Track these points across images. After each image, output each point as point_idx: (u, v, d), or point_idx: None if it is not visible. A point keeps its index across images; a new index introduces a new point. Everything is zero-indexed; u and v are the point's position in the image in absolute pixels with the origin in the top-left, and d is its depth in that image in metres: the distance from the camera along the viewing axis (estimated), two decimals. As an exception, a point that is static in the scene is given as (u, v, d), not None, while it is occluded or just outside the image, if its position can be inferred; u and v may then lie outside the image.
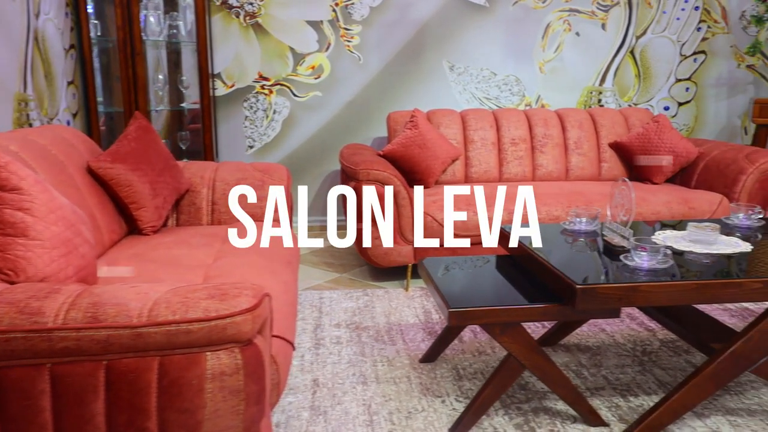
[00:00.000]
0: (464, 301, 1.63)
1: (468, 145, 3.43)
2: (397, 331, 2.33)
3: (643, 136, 3.36)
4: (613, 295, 1.52)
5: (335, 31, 3.79)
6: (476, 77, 3.94)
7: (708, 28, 4.04)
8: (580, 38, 3.97)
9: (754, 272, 1.61)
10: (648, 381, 1.94)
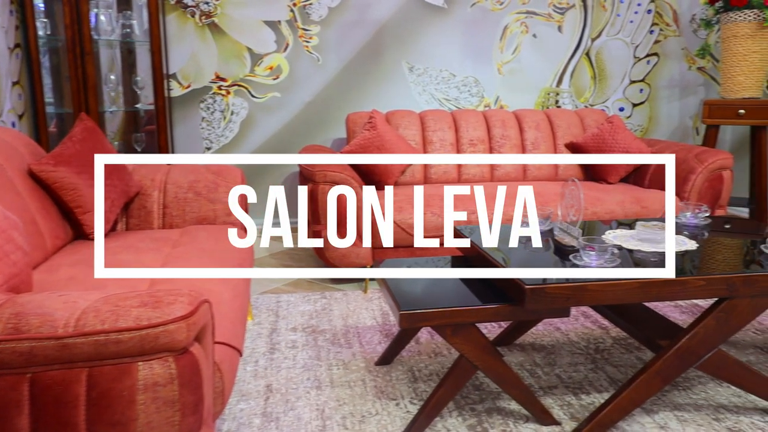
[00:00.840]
0: (416, 302, 1.62)
1: (427, 146, 3.43)
2: (354, 334, 2.31)
3: (597, 136, 3.42)
4: (561, 294, 1.53)
5: (293, 31, 3.75)
6: (435, 78, 3.96)
7: (660, 30, 4.14)
8: (538, 40, 4.02)
9: (698, 270, 1.64)
10: (600, 379, 1.97)
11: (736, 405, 1.80)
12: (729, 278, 1.60)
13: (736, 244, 1.91)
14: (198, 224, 2.35)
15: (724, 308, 1.63)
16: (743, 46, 3.44)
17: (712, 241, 1.94)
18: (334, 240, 2.74)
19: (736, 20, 3.42)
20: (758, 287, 1.62)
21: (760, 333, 2.32)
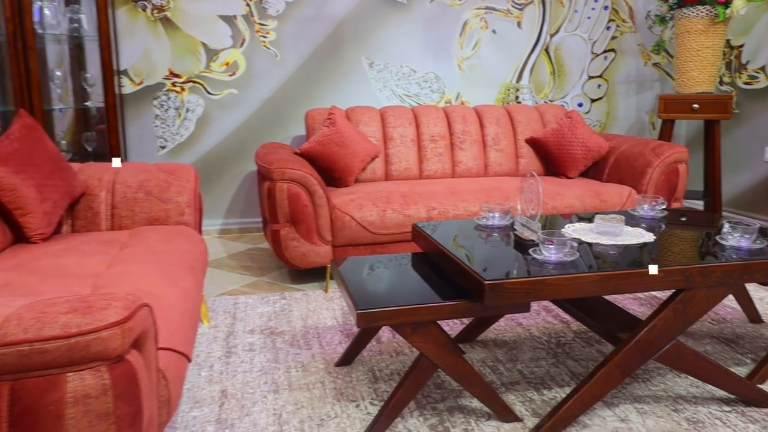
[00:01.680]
0: (374, 301, 1.57)
1: (387, 143, 3.39)
2: (314, 335, 2.25)
3: (557, 131, 3.43)
4: (520, 289, 1.51)
5: (250, 26, 3.66)
6: (396, 74, 3.92)
7: (617, 27, 4.19)
8: (497, 36, 4.02)
9: (656, 262, 1.64)
10: (561, 373, 1.96)
11: (694, 395, 1.81)
12: (686, 269, 1.60)
13: (692, 236, 1.92)
14: (149, 225, 2.25)
15: (682, 299, 1.63)
16: (696, 41, 3.50)
17: (668, 233, 1.95)
18: (293, 239, 2.68)
19: (689, 16, 3.48)
20: (714, 278, 1.62)
21: (716, 323, 2.36)
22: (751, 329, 2.29)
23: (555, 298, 1.55)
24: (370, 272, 1.83)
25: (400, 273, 1.82)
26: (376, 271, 1.85)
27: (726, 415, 1.70)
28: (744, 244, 1.76)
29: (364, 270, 1.85)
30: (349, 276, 1.79)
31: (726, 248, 1.76)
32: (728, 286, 1.66)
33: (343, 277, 1.77)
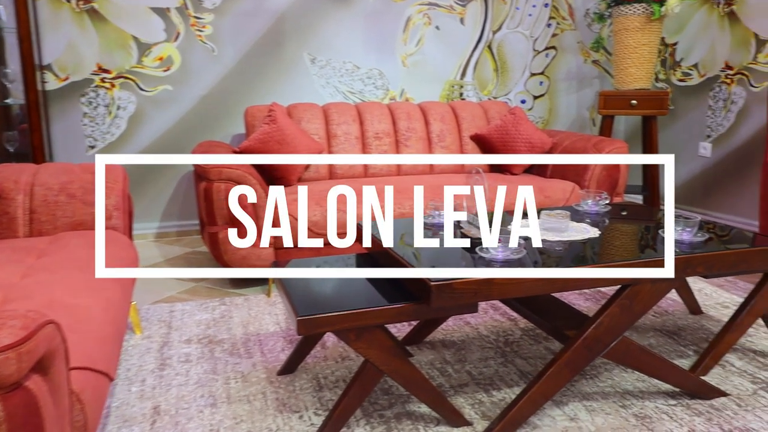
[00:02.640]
0: (315, 306, 1.49)
1: (331, 140, 3.30)
2: (255, 342, 2.14)
3: (501, 128, 3.42)
4: (468, 289, 1.46)
5: (185, 19, 3.50)
6: (339, 70, 3.83)
7: (557, 24, 4.24)
8: (441, 32, 3.99)
9: (602, 258, 1.62)
10: (510, 373, 1.92)
11: (641, 390, 1.81)
12: (630, 265, 1.59)
13: (635, 231, 1.93)
14: (73, 230, 2.09)
15: (628, 295, 1.62)
16: (634, 38, 3.56)
17: (612, 228, 1.95)
18: (232, 242, 2.55)
19: (627, 14, 3.54)
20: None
21: (658, 316, 2.38)
22: (692, 321, 2.33)
23: (503, 298, 1.50)
24: (311, 275, 1.74)
25: (343, 275, 1.74)
26: (317, 273, 1.76)
27: (672, 408, 1.70)
28: (686, 238, 1.77)
29: (306, 273, 1.76)
30: (289, 281, 1.69)
31: (669, 242, 1.76)
32: (672, 281, 1.66)
33: (283, 282, 1.68)
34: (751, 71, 3.55)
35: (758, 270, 1.77)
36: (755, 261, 1.74)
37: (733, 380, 1.86)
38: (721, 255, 1.68)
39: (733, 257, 1.71)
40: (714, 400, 1.75)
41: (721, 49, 3.72)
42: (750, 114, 3.57)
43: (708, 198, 3.89)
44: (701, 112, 3.89)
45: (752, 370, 1.93)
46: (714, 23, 3.75)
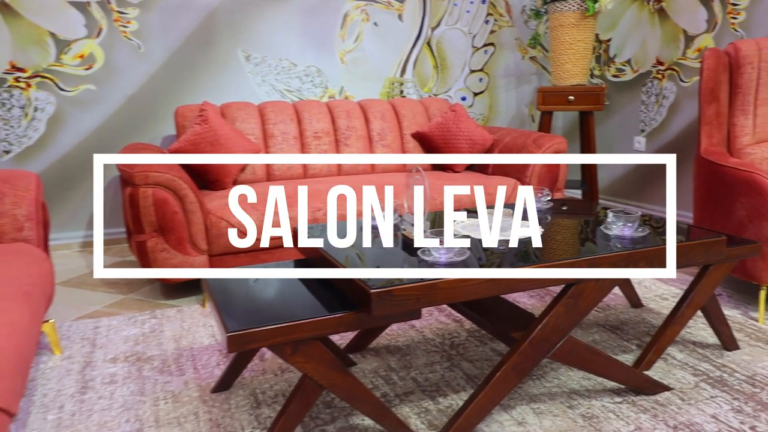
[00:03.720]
0: (247, 320, 1.38)
1: (268, 141, 3.17)
2: (188, 358, 2.00)
3: (442, 125, 3.38)
4: (410, 296, 1.38)
5: (107, 14, 3.29)
6: (275, 68, 3.70)
7: (495, 21, 4.24)
8: (379, 28, 3.92)
9: (546, 257, 1.58)
10: (456, 377, 1.87)
11: (587, 389, 1.79)
12: (575, 263, 1.55)
13: (577, 227, 1.90)
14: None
15: (573, 294, 1.59)
16: (569, 35, 3.59)
17: (555, 226, 1.92)
18: (162, 250, 2.40)
19: (562, 10, 3.57)
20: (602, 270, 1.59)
21: (601, 311, 2.39)
22: (633, 315, 2.35)
23: (448, 302, 1.44)
24: (245, 285, 1.62)
25: (280, 284, 1.64)
26: (252, 283, 1.65)
27: (618, 406, 1.69)
28: (627, 233, 1.75)
29: (239, 282, 1.65)
30: (219, 291, 1.57)
31: (611, 238, 1.75)
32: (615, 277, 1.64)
33: (212, 293, 1.56)
34: (681, 67, 3.64)
35: (697, 263, 1.77)
36: (694, 254, 1.75)
37: (675, 373, 1.87)
38: (662, 250, 1.67)
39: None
40: (659, 395, 1.74)
41: (652, 46, 3.81)
42: (681, 108, 3.67)
43: (644, 191, 3.98)
44: (635, 107, 3.97)
45: (693, 362, 1.94)
46: (645, 20, 3.83)
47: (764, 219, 2.18)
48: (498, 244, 1.70)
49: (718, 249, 1.78)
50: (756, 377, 1.84)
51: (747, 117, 2.69)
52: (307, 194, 2.69)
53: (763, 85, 2.67)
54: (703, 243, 1.73)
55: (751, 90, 2.68)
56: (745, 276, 2.28)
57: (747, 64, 2.68)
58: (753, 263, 2.24)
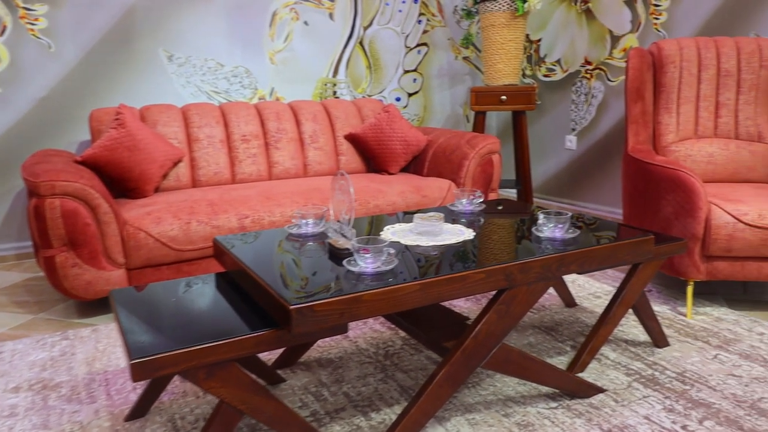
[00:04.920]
0: (155, 344, 1.25)
1: (192, 145, 3.01)
2: (101, 383, 1.85)
3: (375, 126, 3.31)
4: (334, 310, 1.29)
5: (11, 10, 3.04)
6: (201, 69, 3.53)
7: (427, 21, 4.21)
8: (310, 28, 3.81)
9: (477, 262, 1.53)
10: (390, 389, 1.79)
11: (522, 395, 1.75)
12: (506, 268, 1.51)
13: (510, 230, 1.87)
14: None
15: (504, 299, 1.54)
16: (500, 35, 3.60)
17: (487, 228, 1.87)
18: (73, 265, 2.22)
19: (492, 10, 3.57)
20: (533, 273, 1.55)
21: (536, 311, 2.37)
22: (567, 314, 2.34)
23: (375, 315, 1.36)
24: (157, 303, 1.49)
25: (197, 301, 1.52)
26: (166, 300, 1.52)
27: (553, 412, 1.65)
28: (558, 235, 1.72)
29: (151, 300, 1.51)
30: (127, 311, 1.44)
31: (542, 240, 1.71)
32: (548, 280, 1.61)
33: (118, 314, 1.42)
34: (608, 66, 3.71)
35: (628, 262, 1.77)
36: (625, 254, 1.74)
37: (609, 374, 1.86)
38: (593, 251, 1.65)
39: (605, 252, 1.69)
40: (593, 398, 1.72)
41: (580, 46, 3.86)
42: (609, 107, 3.74)
43: (575, 189, 4.04)
44: (566, 107, 4.03)
45: (626, 361, 1.94)
46: (573, 20, 3.89)
47: (689, 216, 2.22)
48: (428, 250, 1.63)
49: (646, 248, 1.77)
50: (686, 374, 1.85)
51: (671, 115, 2.74)
52: (234, 201, 2.56)
53: (685, 83, 2.73)
54: (631, 243, 1.73)
55: (674, 89, 2.74)
56: (672, 272, 2.32)
57: (669, 64, 2.73)
58: (680, 259, 2.27)
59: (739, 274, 2.24)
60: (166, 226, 2.36)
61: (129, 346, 1.24)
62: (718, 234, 2.18)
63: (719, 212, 2.19)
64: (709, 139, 2.71)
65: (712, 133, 2.72)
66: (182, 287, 1.62)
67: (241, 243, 1.73)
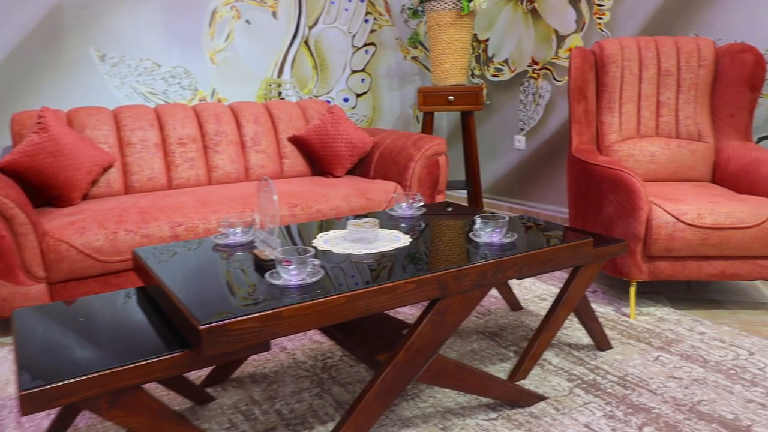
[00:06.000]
0: (52, 372, 1.14)
1: (125, 149, 2.86)
2: (12, 409, 1.70)
3: (319, 128, 3.22)
4: (250, 329, 1.20)
5: (-77, 7, 2.83)
6: (136, 69, 3.37)
7: (375, 20, 4.13)
8: (252, 26, 3.69)
9: (410, 271, 1.46)
10: (325, 405, 1.71)
11: (462, 406, 1.69)
12: (440, 276, 1.44)
13: (448, 235, 1.80)
14: None
15: (439, 309, 1.47)
16: (446, 34, 3.55)
17: (426, 234, 1.81)
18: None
19: (438, 9, 3.52)
20: (469, 281, 1.49)
21: (481, 316, 2.32)
22: (513, 318, 2.30)
23: (298, 332, 1.27)
24: (64, 323, 1.37)
25: (109, 319, 1.40)
26: (74, 320, 1.39)
27: (492, 423, 1.60)
28: (496, 240, 1.67)
29: (59, 320, 1.39)
30: (27, 335, 1.31)
31: (480, 246, 1.66)
32: (484, 287, 1.55)
33: (16, 337, 1.29)
34: (554, 66, 3.71)
35: (567, 266, 1.73)
36: (564, 257, 1.70)
37: (551, 380, 1.82)
38: (531, 256, 1.60)
39: (543, 256, 1.64)
40: (534, 407, 1.67)
41: (527, 45, 3.85)
42: (556, 107, 3.74)
43: (525, 189, 4.03)
44: (514, 106, 4.01)
45: (568, 366, 1.90)
46: (519, 20, 3.87)
47: (631, 216, 2.20)
48: (362, 258, 1.55)
49: (585, 251, 1.74)
50: (627, 378, 1.82)
51: (613, 115, 2.74)
52: (168, 208, 2.43)
53: (627, 83, 2.73)
54: (570, 246, 1.69)
55: (616, 88, 2.74)
56: (615, 273, 2.30)
57: (611, 63, 2.73)
58: (622, 260, 2.26)
59: (680, 274, 2.23)
60: (91, 236, 2.22)
61: (20, 374, 1.12)
62: (659, 234, 2.18)
63: (660, 212, 2.18)
64: (651, 139, 2.71)
65: (653, 133, 2.73)
66: (97, 304, 1.50)
67: (162, 255, 1.62)
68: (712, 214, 2.16)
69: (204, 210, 2.48)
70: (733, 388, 1.75)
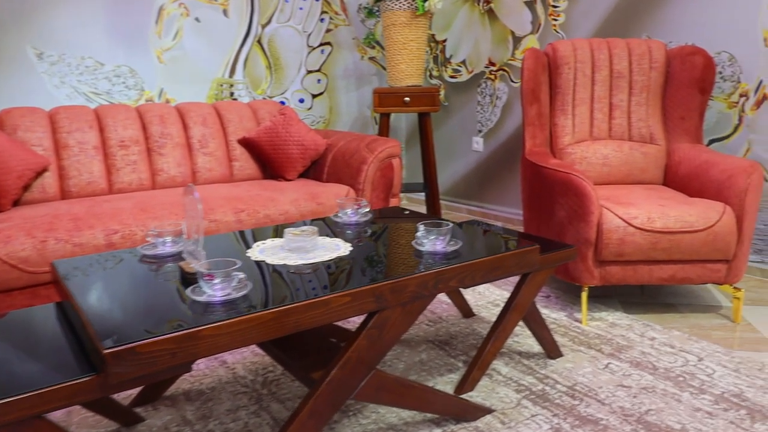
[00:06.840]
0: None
1: (61, 152, 2.71)
2: None
3: (270, 129, 3.12)
4: (163, 351, 1.11)
5: None
6: (77, 68, 3.21)
7: (331, 19, 4.05)
8: (201, 25, 3.56)
9: (344, 283, 1.38)
10: (262, 423, 1.62)
11: (406, 422, 1.62)
12: (376, 288, 1.36)
13: (394, 243, 1.73)
14: None
15: (376, 323, 1.40)
16: (402, 34, 3.49)
17: (368, 242, 1.73)
18: None
19: (394, 9, 3.45)
20: (408, 293, 1.42)
21: (432, 324, 2.26)
22: (464, 326, 2.24)
23: (219, 353, 1.18)
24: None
25: (16, 340, 1.28)
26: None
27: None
28: (439, 248, 1.61)
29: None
30: None
31: (423, 254, 1.59)
32: (425, 299, 1.48)
33: None
34: (510, 67, 3.68)
35: (514, 274, 1.67)
36: (510, 265, 1.64)
37: (499, 391, 1.76)
38: (474, 265, 1.54)
39: (487, 265, 1.58)
40: (479, 421, 1.61)
41: (484, 46, 3.82)
42: (513, 109, 3.71)
43: (483, 191, 4.00)
44: (472, 108, 3.98)
45: (517, 376, 1.85)
46: (476, 21, 3.84)
47: (582, 220, 2.17)
48: (300, 269, 1.47)
49: (531, 258, 1.69)
50: (576, 387, 1.78)
51: (567, 117, 2.71)
52: (104, 214, 2.31)
53: (580, 85, 2.70)
54: (515, 254, 1.63)
55: (569, 90, 2.71)
56: (567, 278, 2.26)
57: (564, 65, 2.70)
58: (574, 265, 2.22)
59: (631, 278, 2.21)
60: (17, 245, 2.08)
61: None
62: (610, 238, 2.15)
63: (610, 216, 2.15)
64: (604, 141, 2.69)
65: (606, 135, 2.71)
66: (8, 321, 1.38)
67: (82, 267, 1.51)
68: (662, 218, 2.14)
69: (143, 216, 2.35)
70: (681, 396, 1.72)
